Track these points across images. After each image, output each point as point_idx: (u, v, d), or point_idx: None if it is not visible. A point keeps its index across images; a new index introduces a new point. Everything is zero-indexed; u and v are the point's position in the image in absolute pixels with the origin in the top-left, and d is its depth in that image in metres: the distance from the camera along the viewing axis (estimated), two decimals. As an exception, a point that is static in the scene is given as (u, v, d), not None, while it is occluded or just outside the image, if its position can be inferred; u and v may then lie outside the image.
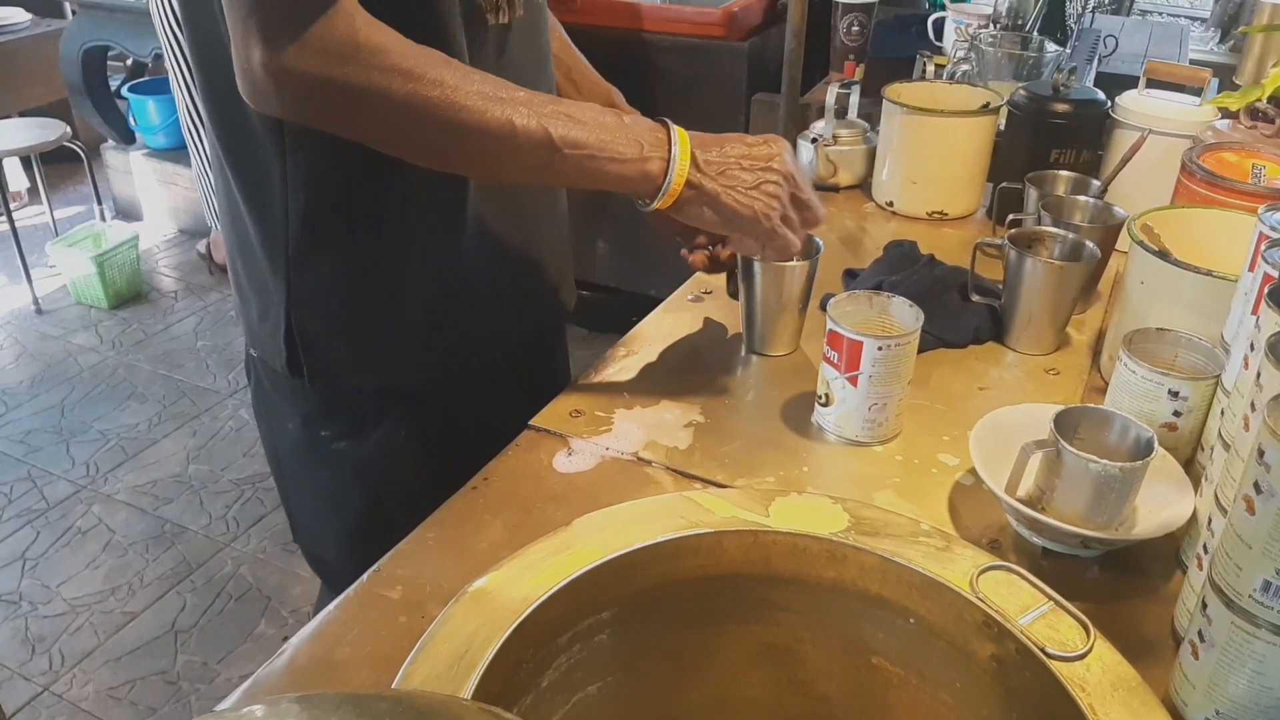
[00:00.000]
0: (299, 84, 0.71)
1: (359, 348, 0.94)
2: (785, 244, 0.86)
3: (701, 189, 0.81)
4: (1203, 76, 1.29)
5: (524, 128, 0.75)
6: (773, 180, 0.83)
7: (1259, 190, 1.01)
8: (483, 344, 0.99)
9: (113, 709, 1.89)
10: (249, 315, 0.97)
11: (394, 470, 1.00)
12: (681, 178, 0.80)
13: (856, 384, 0.88)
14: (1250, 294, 0.73)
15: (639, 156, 0.79)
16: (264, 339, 0.95)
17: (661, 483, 0.86)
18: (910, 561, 0.62)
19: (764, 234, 0.84)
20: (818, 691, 0.69)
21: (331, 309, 0.92)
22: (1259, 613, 0.53)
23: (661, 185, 0.80)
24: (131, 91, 3.69)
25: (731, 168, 0.82)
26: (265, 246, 0.89)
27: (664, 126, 0.81)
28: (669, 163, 0.79)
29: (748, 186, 0.82)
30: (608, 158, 0.78)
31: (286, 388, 0.98)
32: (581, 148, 0.77)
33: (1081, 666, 0.56)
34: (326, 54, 0.70)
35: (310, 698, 0.40)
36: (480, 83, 0.75)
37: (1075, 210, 1.14)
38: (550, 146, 0.76)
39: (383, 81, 0.71)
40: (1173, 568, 0.76)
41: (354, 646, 0.68)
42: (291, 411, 1.00)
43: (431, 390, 0.98)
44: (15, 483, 2.50)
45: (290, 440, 1.02)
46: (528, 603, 0.58)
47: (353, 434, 0.98)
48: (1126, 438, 0.77)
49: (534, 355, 1.10)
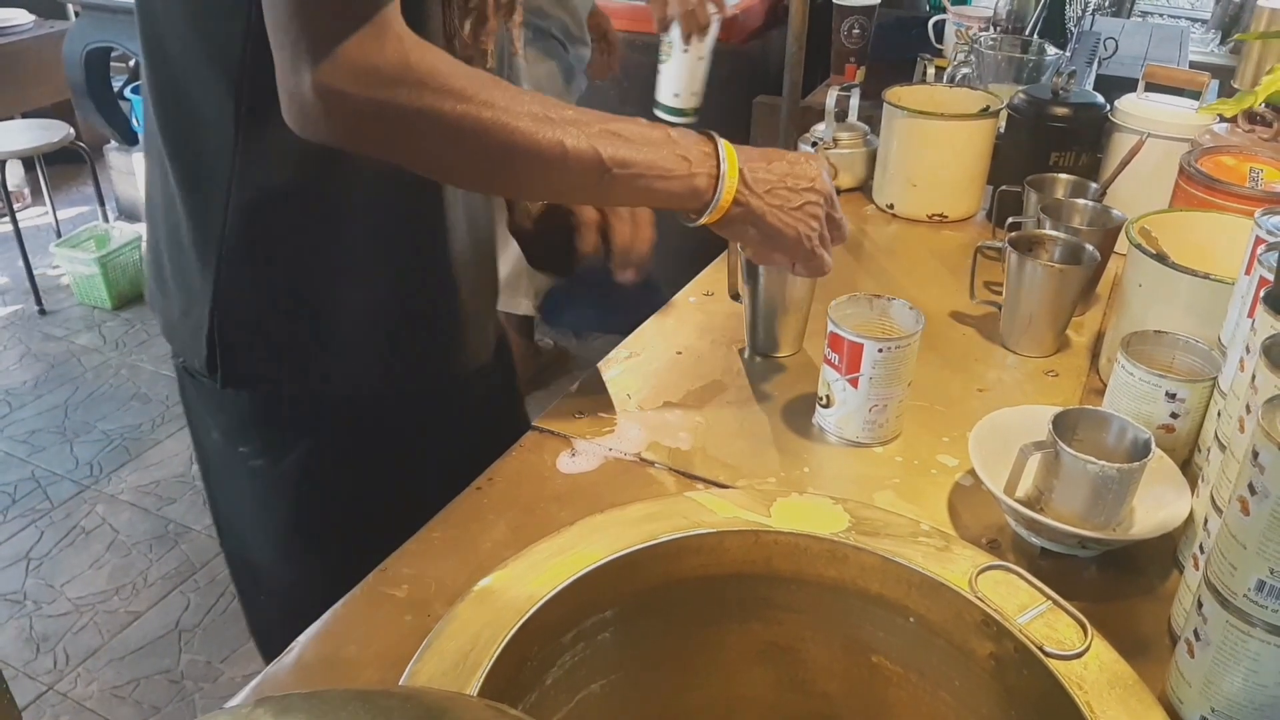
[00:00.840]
0: (351, 107, 0.69)
1: (281, 352, 0.90)
2: (821, 263, 0.86)
3: (749, 207, 0.80)
4: (1201, 80, 1.30)
5: (575, 149, 0.74)
6: (815, 201, 0.83)
7: (1256, 194, 1.02)
8: (408, 367, 0.95)
9: (117, 708, 1.90)
10: (169, 313, 0.93)
11: (313, 488, 0.96)
12: (730, 195, 0.79)
13: (857, 385, 0.89)
14: (1247, 297, 0.74)
15: (687, 173, 0.78)
16: (184, 337, 0.91)
17: (664, 483, 0.87)
18: (910, 561, 0.63)
19: (804, 254, 0.85)
20: (818, 690, 0.70)
21: (258, 310, 0.88)
22: (1254, 612, 0.54)
23: (710, 201, 0.79)
24: (134, 92, 3.70)
25: (778, 187, 0.82)
26: (197, 240, 0.86)
27: (710, 140, 0.80)
28: (718, 179, 0.79)
29: (793, 207, 0.82)
30: (656, 175, 0.77)
31: (208, 396, 0.94)
32: (630, 166, 0.76)
33: (1079, 665, 0.56)
34: (378, 76, 0.68)
35: (318, 694, 0.41)
36: (530, 103, 0.74)
37: (1074, 213, 1.15)
38: (600, 167, 0.75)
39: (435, 103, 0.70)
40: (1170, 568, 0.77)
41: (360, 645, 0.68)
42: (213, 422, 0.97)
43: (349, 409, 0.95)
44: (19, 482, 2.50)
45: (213, 449, 0.99)
46: (532, 601, 0.59)
47: (268, 452, 0.95)
48: (1124, 439, 0.78)
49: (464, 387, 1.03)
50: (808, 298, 1.04)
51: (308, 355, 0.90)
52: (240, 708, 0.40)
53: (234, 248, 0.85)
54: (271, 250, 0.86)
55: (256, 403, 0.93)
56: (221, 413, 0.95)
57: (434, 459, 0.94)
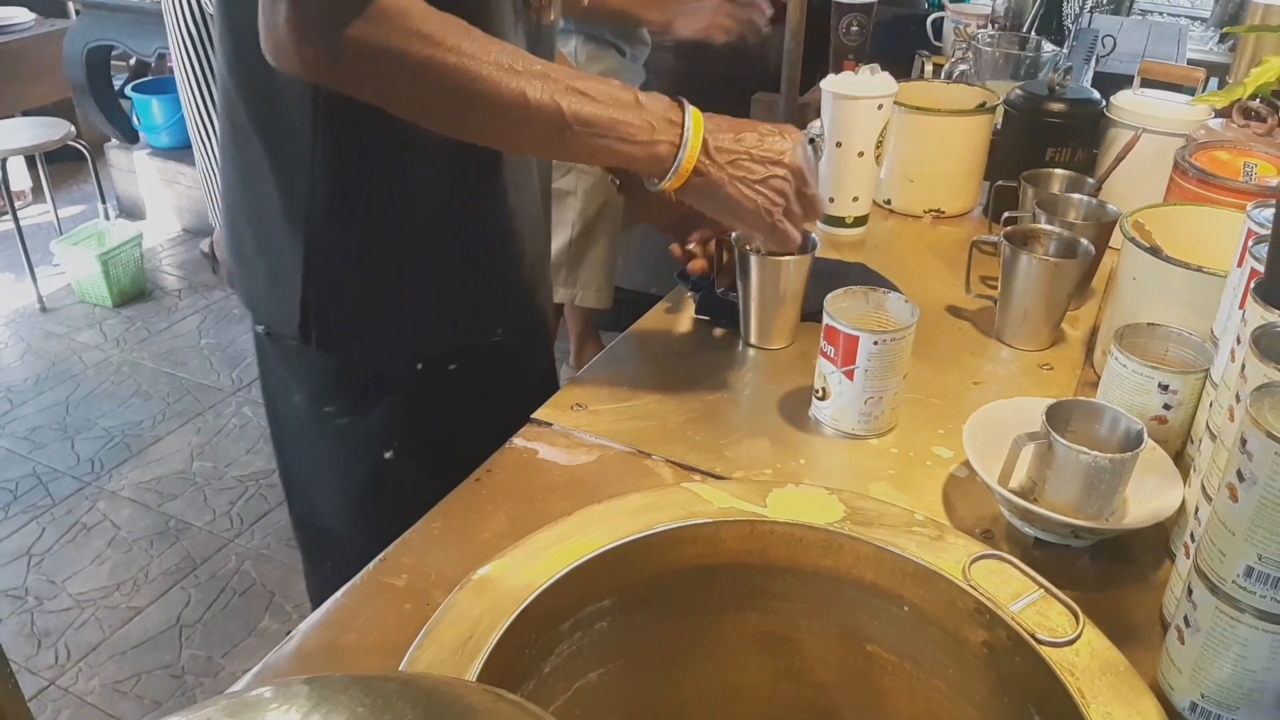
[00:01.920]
0: (320, 42, 0.72)
1: (370, 314, 0.95)
2: (785, 238, 0.87)
3: (708, 176, 0.81)
4: (1196, 76, 1.31)
5: (536, 101, 0.75)
6: (780, 175, 0.83)
7: (1250, 188, 1.02)
8: (484, 323, 1.01)
9: (118, 703, 1.91)
10: (254, 285, 0.97)
11: (394, 448, 1.01)
12: (690, 163, 0.80)
13: (853, 378, 0.89)
14: (1238, 289, 0.74)
15: (649, 139, 0.79)
16: (272, 306, 0.96)
17: (661, 474, 0.87)
18: (904, 551, 0.64)
19: (765, 228, 0.85)
20: (814, 679, 0.71)
21: (345, 273, 0.93)
22: (1242, 598, 0.55)
23: (670, 168, 0.80)
24: (135, 91, 3.71)
25: (742, 159, 0.82)
26: (286, 211, 0.90)
27: (680, 108, 0.81)
28: (680, 147, 0.80)
29: (755, 180, 0.83)
30: (618, 137, 0.78)
31: (293, 361, 0.99)
32: (592, 125, 0.77)
33: (1071, 652, 0.57)
34: (349, 14, 0.71)
35: (319, 679, 0.42)
36: (498, 53, 0.75)
37: (1070, 208, 1.15)
38: (561, 122, 0.76)
39: (401, 44, 0.72)
40: (1162, 557, 0.78)
41: (360, 633, 0.69)
42: (297, 385, 1.01)
43: (427, 365, 0.99)
44: (21, 479, 2.51)
45: (294, 414, 1.04)
46: (530, 590, 0.59)
47: (353, 411, 0.99)
48: (1117, 430, 0.78)
49: (526, 345, 1.11)
50: (801, 289, 1.04)
51: (390, 313, 0.96)
52: (243, 692, 0.41)
53: (320, 215, 0.90)
54: (355, 215, 0.91)
55: (344, 363, 0.98)
56: (308, 375, 1.00)
57: (493, 419, 0.96)
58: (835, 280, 1.00)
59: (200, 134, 3.26)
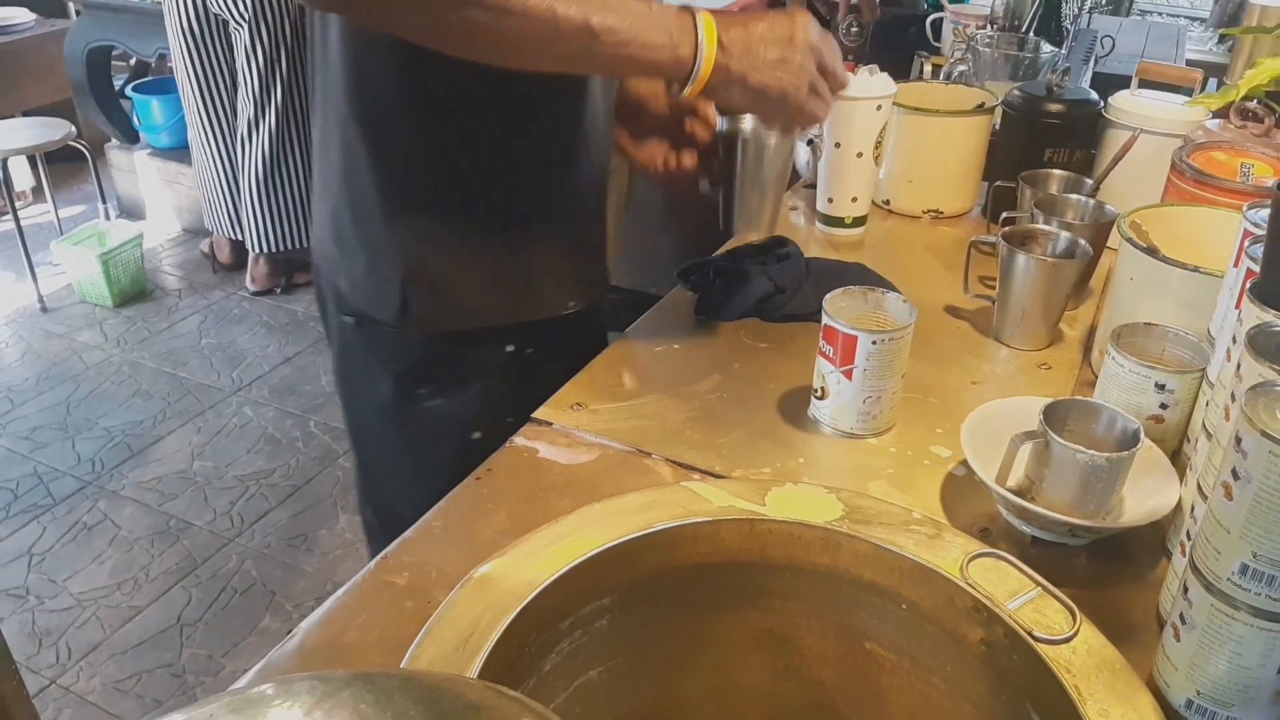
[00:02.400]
0: None
1: (464, 290, 1.00)
2: (814, 114, 0.88)
3: (729, 70, 0.82)
4: (1194, 77, 1.31)
5: (565, 15, 0.76)
6: (797, 54, 0.84)
7: (1247, 189, 1.03)
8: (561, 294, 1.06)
9: (119, 701, 1.91)
10: (349, 273, 1.01)
11: (485, 428, 1.03)
12: (710, 62, 0.81)
13: (851, 377, 0.90)
14: (1235, 289, 0.75)
15: (669, 43, 0.80)
16: (369, 292, 1.00)
17: (660, 473, 0.88)
18: (902, 549, 0.64)
19: (793, 109, 0.86)
20: (812, 677, 0.71)
21: (444, 252, 0.98)
22: (1237, 595, 0.55)
23: (691, 70, 0.81)
24: (135, 91, 3.71)
25: (755, 46, 0.83)
26: (385, 200, 0.95)
27: (689, 13, 0.82)
28: (697, 48, 0.81)
29: (772, 62, 0.83)
30: (641, 44, 0.79)
31: (384, 348, 1.03)
32: (617, 34, 0.78)
33: (1068, 649, 0.57)
34: None
35: (322, 676, 0.42)
36: None
37: (1068, 208, 1.16)
38: (589, 34, 0.77)
39: None
40: (1158, 555, 0.78)
41: (362, 631, 0.70)
42: (384, 371, 1.05)
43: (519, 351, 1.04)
44: (21, 479, 2.52)
45: (380, 403, 1.07)
46: (531, 588, 0.60)
47: (447, 391, 1.03)
48: (1114, 429, 0.79)
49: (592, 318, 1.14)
50: (785, 174, 1.04)
51: (482, 287, 1.00)
52: (246, 688, 0.41)
53: (418, 202, 0.95)
54: (450, 201, 0.96)
55: (438, 343, 1.03)
56: (400, 359, 1.04)
57: None
58: (834, 280, 1.00)
59: (200, 134, 3.29)
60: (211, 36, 3.09)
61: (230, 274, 3.51)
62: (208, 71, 3.16)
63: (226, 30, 3.06)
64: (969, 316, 1.14)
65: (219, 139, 3.25)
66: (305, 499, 2.45)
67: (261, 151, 3.12)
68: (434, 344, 1.02)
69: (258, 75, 3.03)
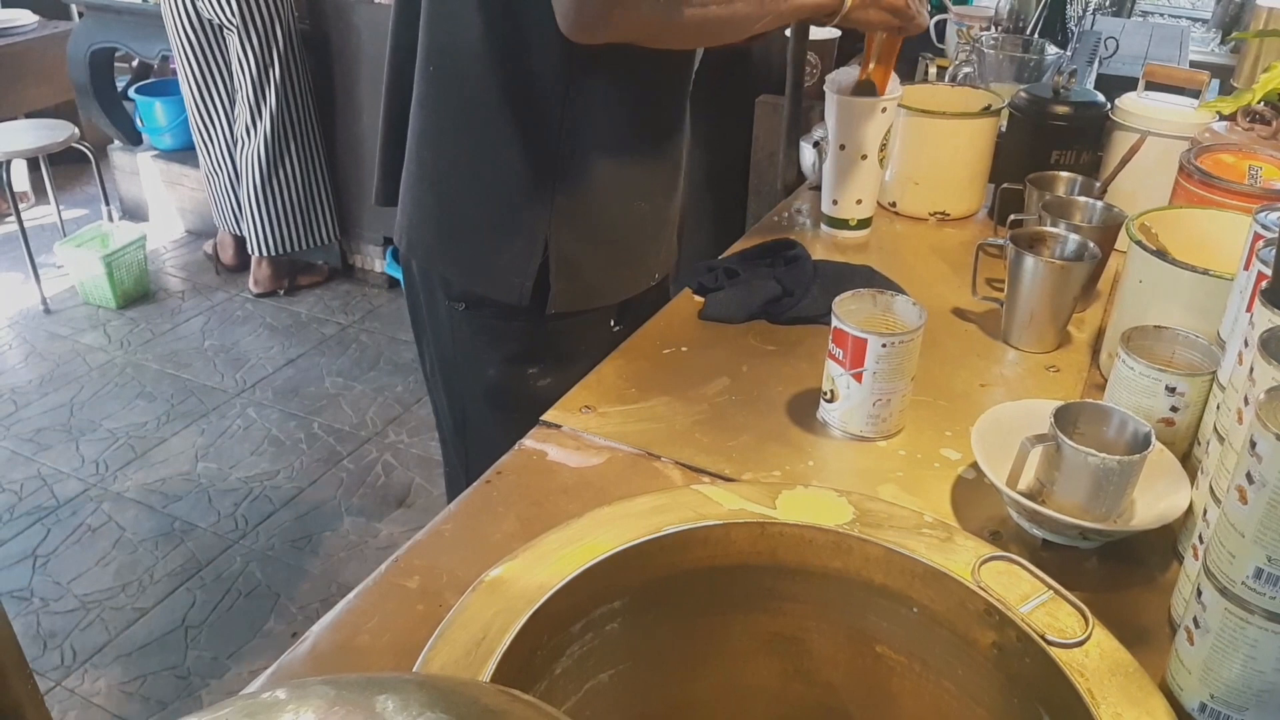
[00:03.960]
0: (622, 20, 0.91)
1: (608, 264, 1.11)
2: (923, 19, 1.12)
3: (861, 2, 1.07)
4: (1200, 79, 1.31)
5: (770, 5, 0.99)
6: None
7: (1255, 191, 1.03)
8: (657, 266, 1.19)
9: (124, 704, 1.91)
10: (474, 259, 1.09)
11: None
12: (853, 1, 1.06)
13: (861, 380, 0.90)
14: (1245, 292, 0.75)
15: None
16: (497, 276, 1.08)
17: (670, 476, 0.88)
18: (913, 552, 0.64)
19: (910, 16, 1.10)
20: (823, 680, 0.71)
21: (589, 231, 1.08)
22: (1252, 599, 0.55)
23: (840, 7, 1.05)
24: (138, 93, 3.71)
25: None
26: (529, 187, 1.05)
27: None
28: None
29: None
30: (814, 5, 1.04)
31: (496, 331, 1.11)
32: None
33: (1080, 653, 0.57)
34: None
35: (336, 679, 0.42)
36: None
37: (1075, 210, 1.16)
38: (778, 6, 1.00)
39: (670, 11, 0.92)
40: (1170, 558, 0.78)
41: (373, 634, 0.69)
42: (494, 355, 1.13)
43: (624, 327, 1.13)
44: (25, 480, 2.52)
45: (488, 387, 1.15)
46: (542, 591, 0.60)
47: (558, 369, 1.10)
48: (1125, 432, 0.78)
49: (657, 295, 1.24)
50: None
51: (607, 271, 1.12)
52: (258, 692, 0.41)
53: (566, 190, 1.05)
54: (597, 182, 1.06)
55: (557, 322, 1.11)
56: (514, 341, 1.13)
57: None
58: (842, 283, 1.00)
59: (202, 135, 3.28)
60: (209, 39, 3.09)
61: (233, 276, 3.52)
62: (206, 74, 3.16)
63: (222, 33, 3.06)
64: (977, 319, 1.14)
65: (220, 140, 3.25)
66: (309, 501, 2.45)
67: (258, 155, 3.13)
68: (552, 323, 1.10)
69: (251, 79, 3.03)
